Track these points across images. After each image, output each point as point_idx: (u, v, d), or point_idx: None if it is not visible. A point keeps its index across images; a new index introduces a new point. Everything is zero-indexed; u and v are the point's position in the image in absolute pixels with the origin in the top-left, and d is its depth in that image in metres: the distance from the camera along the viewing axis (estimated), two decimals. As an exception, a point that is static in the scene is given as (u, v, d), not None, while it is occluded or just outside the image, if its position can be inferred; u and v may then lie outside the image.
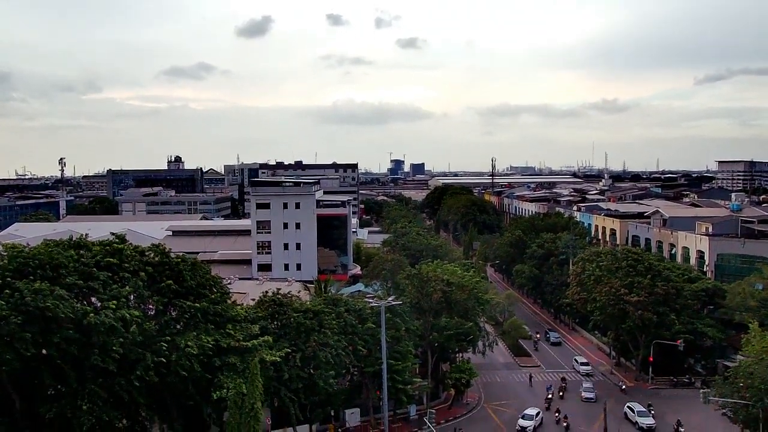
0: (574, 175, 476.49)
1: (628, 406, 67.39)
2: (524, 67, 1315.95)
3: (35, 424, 45.14)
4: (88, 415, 42.96)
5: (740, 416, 56.09)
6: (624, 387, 76.48)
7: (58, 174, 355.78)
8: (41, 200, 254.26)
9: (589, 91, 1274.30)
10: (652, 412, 66.07)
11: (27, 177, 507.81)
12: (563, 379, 78.51)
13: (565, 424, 64.14)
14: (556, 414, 66.23)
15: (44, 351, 43.09)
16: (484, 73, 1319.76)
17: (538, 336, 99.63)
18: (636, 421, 64.73)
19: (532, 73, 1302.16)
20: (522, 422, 64.12)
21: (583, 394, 73.70)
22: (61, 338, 42.39)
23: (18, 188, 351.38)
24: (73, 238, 51.73)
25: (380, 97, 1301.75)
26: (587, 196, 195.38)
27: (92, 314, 43.32)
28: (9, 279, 42.63)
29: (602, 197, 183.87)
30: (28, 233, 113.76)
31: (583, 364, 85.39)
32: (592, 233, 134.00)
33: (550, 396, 72.51)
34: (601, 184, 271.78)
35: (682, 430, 61.86)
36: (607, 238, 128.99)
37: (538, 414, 65.70)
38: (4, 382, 43.67)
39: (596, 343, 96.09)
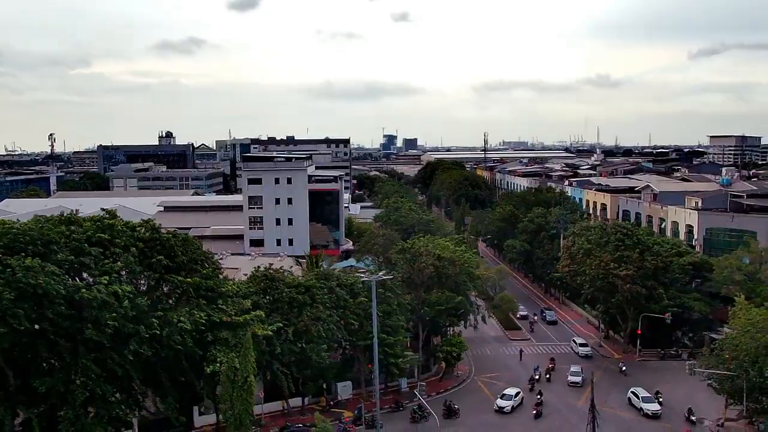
0: (567, 150, 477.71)
1: (632, 392, 63.76)
2: (518, 42, 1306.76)
3: (30, 398, 45.53)
4: (82, 389, 43.37)
5: (725, 387, 57.20)
6: (625, 369, 72.87)
7: (48, 149, 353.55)
8: (31, 176, 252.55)
9: (583, 66, 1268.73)
10: (661, 399, 62.70)
11: (17, 153, 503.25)
12: (552, 360, 76.31)
13: (534, 411, 61.00)
14: (538, 396, 63.88)
15: (37, 326, 43.36)
16: (478, 48, 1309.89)
17: (535, 317, 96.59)
18: (641, 407, 61.27)
19: (526, 49, 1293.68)
20: (500, 402, 62.36)
21: (569, 377, 70.32)
22: (53, 314, 42.64)
23: (7, 164, 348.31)
24: (64, 214, 51.74)
25: (373, 72, 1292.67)
26: (579, 171, 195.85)
27: (84, 290, 43.54)
28: (0, 255, 42.69)
29: (594, 172, 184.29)
30: (19, 209, 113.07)
31: (582, 345, 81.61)
32: (584, 208, 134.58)
33: (536, 377, 70.18)
34: (593, 159, 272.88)
35: (694, 418, 58.34)
36: (598, 213, 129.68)
37: (517, 394, 63.79)
38: (-3, 358, 43.95)
39: (586, 316, 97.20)
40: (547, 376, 71.79)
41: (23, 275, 41.19)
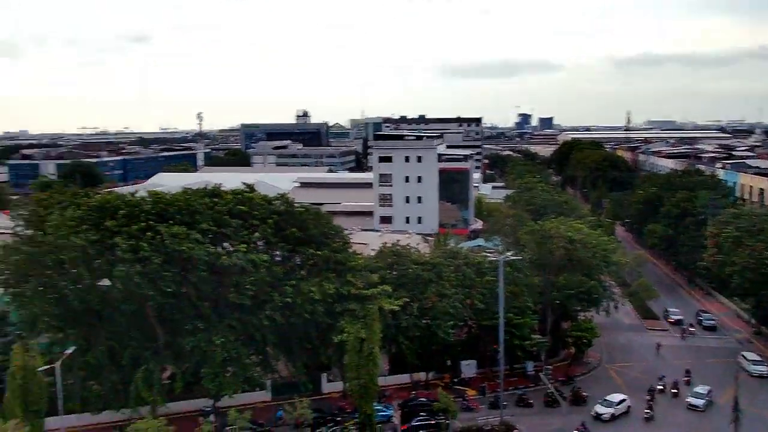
0: (722, 129, 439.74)
1: None
2: (667, 13, 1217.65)
3: (176, 355, 49.54)
4: (221, 349, 46.57)
5: None
6: None
7: (197, 128, 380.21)
8: (181, 152, 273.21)
9: (743, 37, 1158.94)
10: None
11: (169, 130, 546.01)
12: (687, 372, 65.17)
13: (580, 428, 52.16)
14: (647, 411, 56.21)
15: (183, 290, 46.96)
16: (621, 20, 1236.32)
17: (692, 329, 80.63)
18: None
19: (676, 19, 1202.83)
20: (599, 408, 56.70)
21: (688, 399, 58.88)
22: (195, 278, 45.95)
23: (163, 141, 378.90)
24: (208, 187, 55.30)
25: (508, 48, 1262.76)
26: (734, 152, 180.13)
27: (225, 256, 46.61)
28: (152, 222, 46.56)
29: (752, 154, 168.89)
30: (170, 182, 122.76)
31: (756, 362, 67.01)
32: (738, 193, 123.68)
33: (660, 387, 61.35)
34: (751, 139, 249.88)
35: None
36: (755, 198, 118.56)
37: (622, 402, 57.33)
38: (149, 316, 48.16)
39: (734, 309, 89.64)
40: (674, 390, 61.28)
41: (170, 241, 44.68)
